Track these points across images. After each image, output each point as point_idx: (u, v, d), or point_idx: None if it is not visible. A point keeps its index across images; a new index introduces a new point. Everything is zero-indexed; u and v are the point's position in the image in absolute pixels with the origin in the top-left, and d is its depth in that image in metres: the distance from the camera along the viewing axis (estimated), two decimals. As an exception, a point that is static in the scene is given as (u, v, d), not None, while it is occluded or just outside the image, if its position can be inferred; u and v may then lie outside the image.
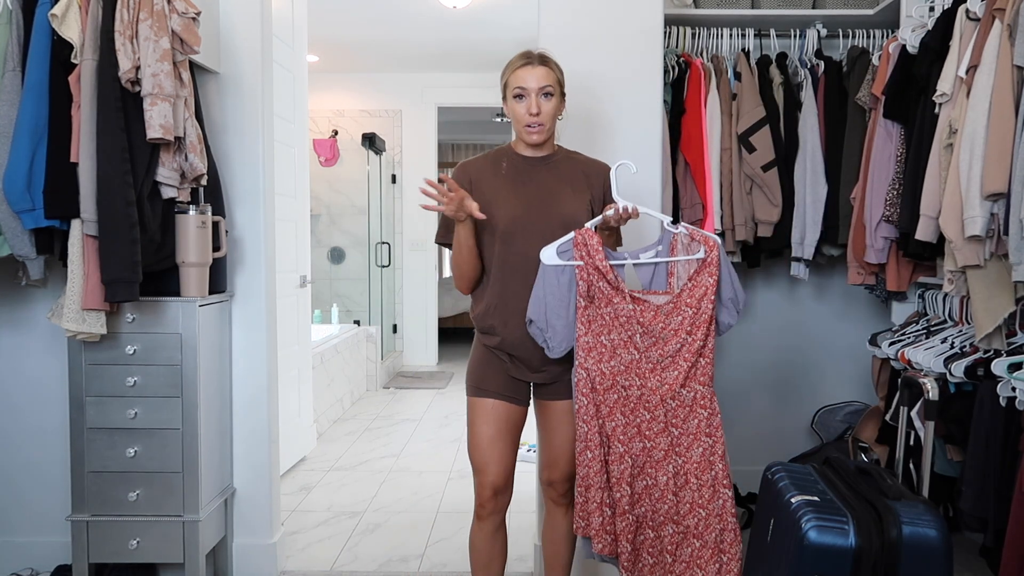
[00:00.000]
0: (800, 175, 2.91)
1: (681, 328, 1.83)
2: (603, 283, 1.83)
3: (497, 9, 4.91)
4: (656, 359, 1.84)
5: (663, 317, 1.84)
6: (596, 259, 1.82)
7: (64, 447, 2.46)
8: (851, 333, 3.27)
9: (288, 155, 3.76)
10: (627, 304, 1.83)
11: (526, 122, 1.91)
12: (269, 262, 2.66)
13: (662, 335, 1.83)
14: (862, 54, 2.86)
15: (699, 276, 1.84)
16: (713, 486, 1.83)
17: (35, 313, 2.57)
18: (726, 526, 1.83)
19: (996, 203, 1.86)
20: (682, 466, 1.84)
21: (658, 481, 1.84)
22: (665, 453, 1.84)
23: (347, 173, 6.77)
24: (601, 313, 1.85)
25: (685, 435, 1.84)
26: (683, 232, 1.89)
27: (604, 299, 1.84)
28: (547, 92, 1.90)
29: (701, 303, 1.83)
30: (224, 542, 2.62)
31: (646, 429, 1.85)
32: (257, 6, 2.58)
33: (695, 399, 1.84)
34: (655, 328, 1.83)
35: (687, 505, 1.83)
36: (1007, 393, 1.98)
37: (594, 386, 1.85)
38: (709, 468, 1.84)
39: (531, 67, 1.90)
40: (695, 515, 1.83)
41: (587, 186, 2.00)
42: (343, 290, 6.87)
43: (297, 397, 3.96)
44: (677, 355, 1.83)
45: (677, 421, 1.84)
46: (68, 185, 2.09)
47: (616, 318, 1.84)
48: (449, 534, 3.08)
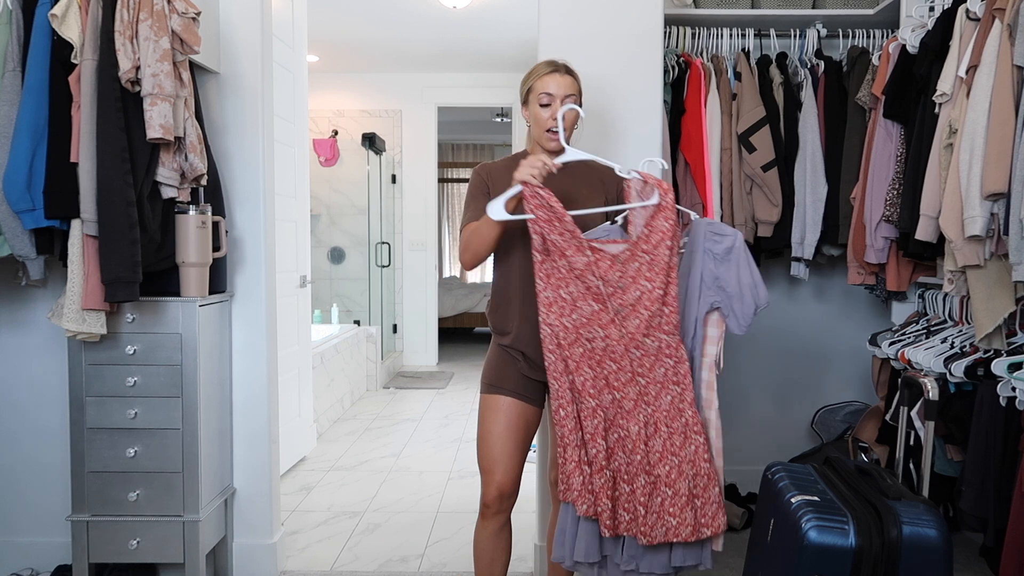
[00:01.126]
0: (800, 175, 2.91)
1: (639, 275, 1.79)
2: (555, 235, 1.80)
3: (497, 9, 4.91)
4: (616, 308, 1.80)
5: (620, 265, 1.80)
6: (545, 212, 1.79)
7: (64, 447, 2.46)
8: (851, 333, 3.27)
9: (288, 155, 3.76)
10: (582, 255, 1.80)
11: (549, 127, 1.95)
12: (269, 262, 2.66)
13: (620, 284, 1.80)
14: (862, 54, 2.87)
15: (655, 221, 1.80)
16: (684, 433, 1.80)
17: (35, 313, 2.57)
18: (699, 471, 1.79)
19: (996, 203, 1.86)
20: (652, 415, 1.81)
21: (630, 432, 1.81)
22: (635, 403, 1.81)
23: (347, 173, 6.77)
24: (558, 266, 1.81)
25: (653, 384, 1.81)
26: (636, 177, 1.86)
27: (558, 251, 1.80)
28: (571, 101, 1.95)
29: (658, 248, 1.79)
30: (224, 542, 2.62)
31: (614, 380, 1.82)
32: (257, 6, 2.58)
33: (660, 348, 1.81)
34: (613, 277, 1.80)
35: (657, 454, 1.80)
36: (1007, 393, 1.98)
37: (559, 342, 1.83)
38: (679, 415, 1.81)
39: (558, 75, 1.96)
40: (666, 463, 1.79)
41: (602, 189, 2.04)
42: (343, 290, 6.87)
43: (297, 397, 3.96)
44: (637, 303, 1.80)
45: (643, 371, 1.81)
46: (68, 185, 2.09)
47: (572, 270, 1.81)
48: (449, 534, 3.08)
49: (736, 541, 2.89)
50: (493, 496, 2.01)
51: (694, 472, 1.79)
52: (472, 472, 3.80)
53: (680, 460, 1.79)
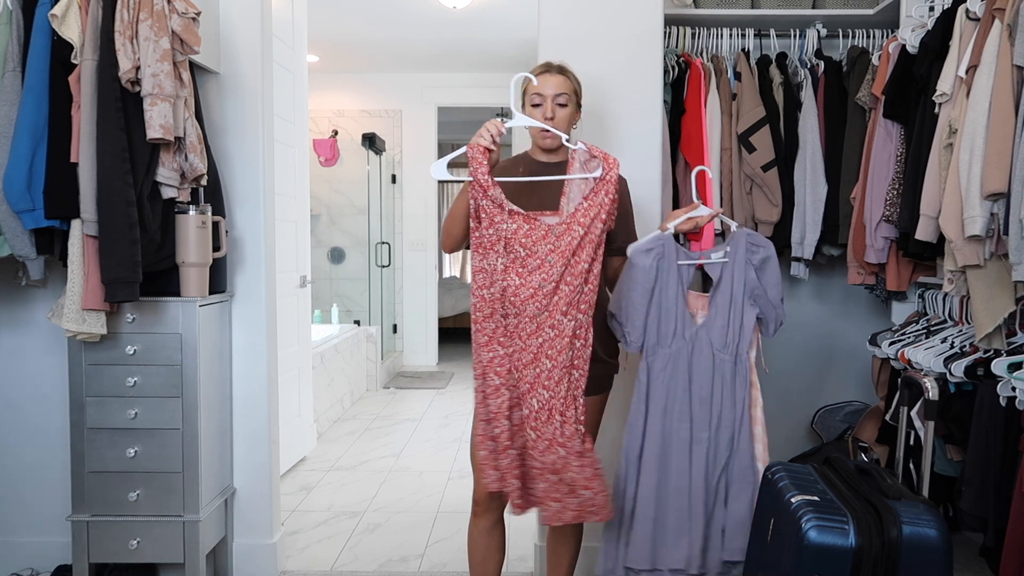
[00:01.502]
0: (800, 175, 2.91)
1: (568, 249, 1.74)
2: (486, 201, 1.76)
3: (497, 9, 4.91)
4: (538, 284, 1.74)
5: (553, 239, 1.74)
6: (479, 175, 1.76)
7: (64, 447, 2.46)
8: (851, 333, 3.27)
9: (288, 155, 3.76)
10: (510, 223, 1.74)
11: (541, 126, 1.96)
12: (269, 262, 2.66)
13: (548, 258, 1.74)
14: (862, 54, 2.86)
15: (595, 196, 1.76)
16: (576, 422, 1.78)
17: (35, 313, 2.57)
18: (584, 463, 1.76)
19: (996, 203, 1.86)
20: (548, 400, 1.76)
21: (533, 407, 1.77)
22: (531, 386, 1.77)
23: (347, 173, 6.77)
24: (487, 235, 1.77)
25: (556, 368, 1.76)
26: (582, 148, 1.83)
27: (488, 219, 1.76)
28: (561, 102, 1.96)
29: (592, 223, 1.74)
30: (224, 542, 2.62)
31: (517, 360, 1.77)
32: (257, 6, 2.58)
33: (575, 329, 1.76)
34: (542, 250, 1.74)
35: (545, 443, 1.76)
36: (1007, 393, 1.98)
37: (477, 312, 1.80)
38: (574, 401, 1.78)
39: (549, 75, 1.97)
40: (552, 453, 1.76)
41: None
42: (343, 290, 6.87)
43: (297, 397, 3.96)
44: (561, 280, 1.74)
45: (552, 352, 1.75)
46: (68, 185, 2.09)
47: (499, 239, 1.75)
48: (449, 534, 3.08)
49: (736, 541, 2.89)
50: (484, 494, 2.01)
51: (580, 463, 1.77)
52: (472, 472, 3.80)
53: (568, 451, 1.76)
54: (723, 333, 1.97)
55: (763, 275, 1.98)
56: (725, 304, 1.97)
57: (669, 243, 1.96)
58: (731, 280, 1.97)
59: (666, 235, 1.97)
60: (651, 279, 1.93)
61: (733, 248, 1.98)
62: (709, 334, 1.97)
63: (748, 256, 1.96)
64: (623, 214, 2.06)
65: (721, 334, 1.97)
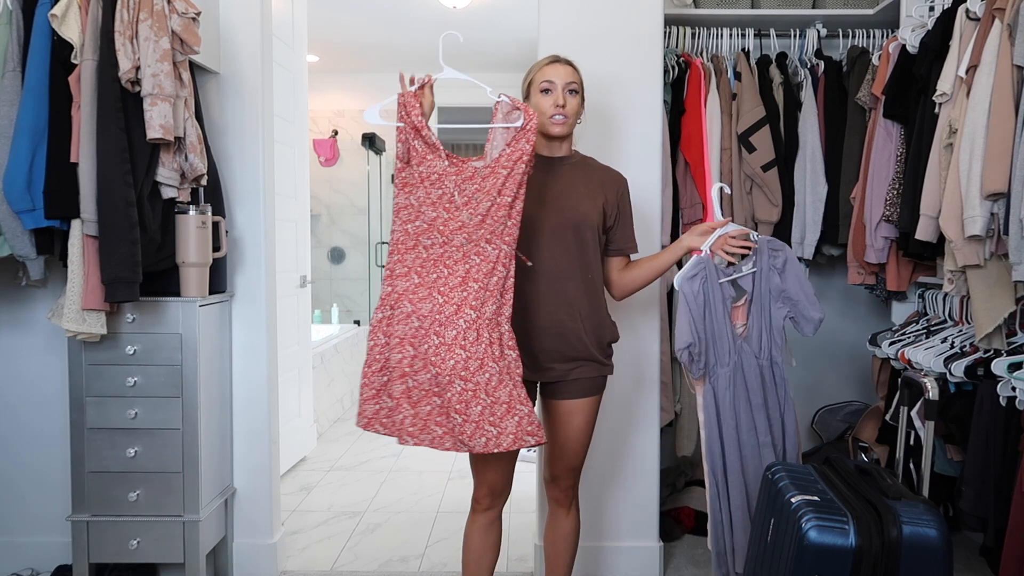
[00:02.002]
0: (800, 175, 2.91)
1: (494, 188, 1.83)
2: (418, 141, 1.86)
3: (497, 9, 4.92)
4: (466, 219, 1.83)
5: (479, 180, 1.85)
6: (413, 117, 1.85)
7: (64, 447, 2.46)
8: (851, 333, 3.27)
9: (288, 155, 3.76)
10: (441, 161, 1.85)
11: (551, 113, 1.98)
12: (269, 262, 2.66)
13: (475, 196, 1.84)
14: (862, 54, 2.86)
15: (517, 143, 1.86)
16: (500, 344, 1.81)
17: (35, 313, 2.57)
18: (515, 383, 1.79)
19: (996, 203, 1.86)
20: (474, 320, 1.80)
21: (445, 338, 1.79)
22: (457, 308, 1.81)
23: (347, 173, 6.77)
24: (415, 173, 1.87)
25: (483, 290, 1.82)
26: (505, 100, 1.92)
27: (418, 157, 1.86)
28: (572, 88, 1.99)
29: (514, 166, 1.84)
30: (224, 542, 2.62)
31: (442, 285, 1.83)
32: (257, 6, 2.58)
33: (498, 256, 1.83)
34: (469, 189, 1.84)
35: (477, 361, 1.78)
36: (1007, 393, 1.98)
37: (395, 246, 1.87)
38: (498, 326, 1.82)
39: (559, 64, 2.01)
40: (486, 370, 1.77)
41: (601, 191, 2.03)
42: (343, 290, 6.87)
43: (297, 397, 3.96)
44: (487, 214, 1.83)
45: (479, 276, 1.82)
46: (68, 185, 2.09)
47: (428, 176, 1.85)
48: (449, 534, 3.08)
49: (736, 541, 2.89)
50: (483, 492, 2.01)
51: (512, 383, 1.78)
52: (472, 472, 3.80)
53: (499, 368, 1.78)
54: (759, 340, 2.07)
55: (785, 276, 2.06)
56: (758, 312, 2.06)
57: (709, 264, 2.04)
58: (760, 288, 2.06)
59: (704, 258, 2.03)
60: (701, 304, 2.03)
61: (759, 257, 2.06)
62: (751, 345, 2.07)
63: (771, 262, 2.05)
64: (623, 214, 2.06)
65: (757, 342, 2.07)
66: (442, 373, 1.77)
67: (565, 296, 1.96)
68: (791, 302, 2.05)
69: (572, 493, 2.11)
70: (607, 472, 2.64)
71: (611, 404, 2.22)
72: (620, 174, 2.09)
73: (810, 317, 2.06)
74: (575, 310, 1.96)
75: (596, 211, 1.99)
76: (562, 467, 2.06)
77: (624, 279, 2.09)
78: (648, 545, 2.67)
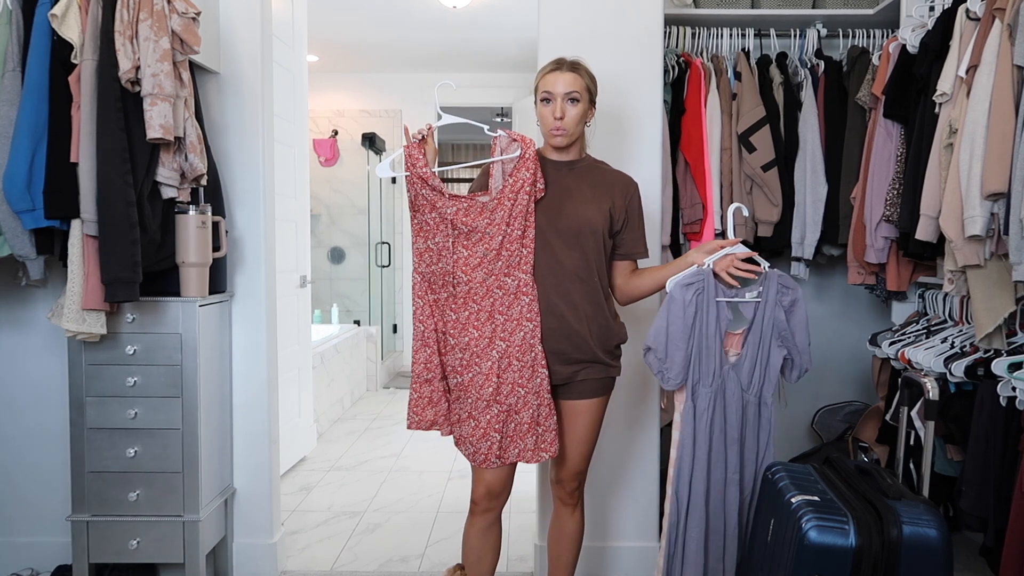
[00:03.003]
0: (800, 175, 2.91)
1: (502, 221, 1.93)
2: (426, 190, 1.96)
3: (497, 9, 4.91)
4: (483, 253, 1.94)
5: (488, 214, 1.94)
6: (418, 168, 1.95)
7: (64, 447, 2.46)
8: (851, 333, 3.27)
9: (288, 155, 3.76)
10: (451, 206, 1.94)
11: (551, 126, 1.97)
12: (269, 262, 2.66)
13: (487, 231, 1.94)
14: (862, 54, 2.86)
15: (517, 172, 1.94)
16: (532, 366, 1.94)
17: (35, 313, 2.57)
18: (542, 402, 1.95)
19: (996, 203, 1.86)
20: (505, 350, 1.94)
21: (482, 368, 1.95)
22: (489, 341, 1.94)
23: (347, 173, 6.77)
24: (427, 219, 1.97)
25: (509, 321, 1.94)
26: (502, 135, 1.98)
27: (428, 205, 1.96)
28: (573, 98, 1.96)
29: (518, 196, 1.93)
30: (224, 542, 2.62)
31: (474, 320, 1.96)
32: (257, 6, 2.58)
33: (518, 287, 1.94)
34: (480, 224, 1.94)
35: (509, 385, 1.94)
36: (1007, 393, 1.98)
37: (431, 286, 2.00)
38: (530, 350, 1.94)
39: (559, 72, 1.96)
40: (515, 395, 1.93)
41: (608, 195, 2.02)
42: (343, 290, 6.87)
43: (297, 397, 3.96)
44: (501, 247, 1.94)
45: (503, 308, 1.95)
46: (68, 185, 2.09)
47: (442, 221, 1.95)
48: (449, 534, 3.08)
49: (736, 541, 2.89)
50: (481, 494, 2.02)
51: (538, 403, 1.94)
52: (472, 472, 3.80)
53: (527, 391, 1.93)
54: (750, 374, 1.99)
55: (792, 318, 2.00)
56: (755, 344, 1.99)
57: (709, 279, 1.97)
58: (762, 320, 1.99)
59: (705, 270, 1.97)
60: (691, 315, 1.96)
61: (766, 288, 1.99)
62: (738, 374, 2.00)
63: (779, 297, 1.98)
64: (631, 219, 2.05)
65: (748, 374, 2.00)
66: (480, 398, 1.94)
67: (570, 299, 1.96)
68: (789, 343, 2.00)
69: (578, 494, 2.11)
70: (609, 472, 2.64)
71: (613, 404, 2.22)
72: (630, 178, 2.08)
73: (800, 365, 2.02)
74: (580, 313, 1.97)
75: (602, 216, 1.99)
76: (568, 467, 2.06)
77: (629, 285, 2.09)
78: (649, 545, 2.67)
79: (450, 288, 1.97)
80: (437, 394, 2.01)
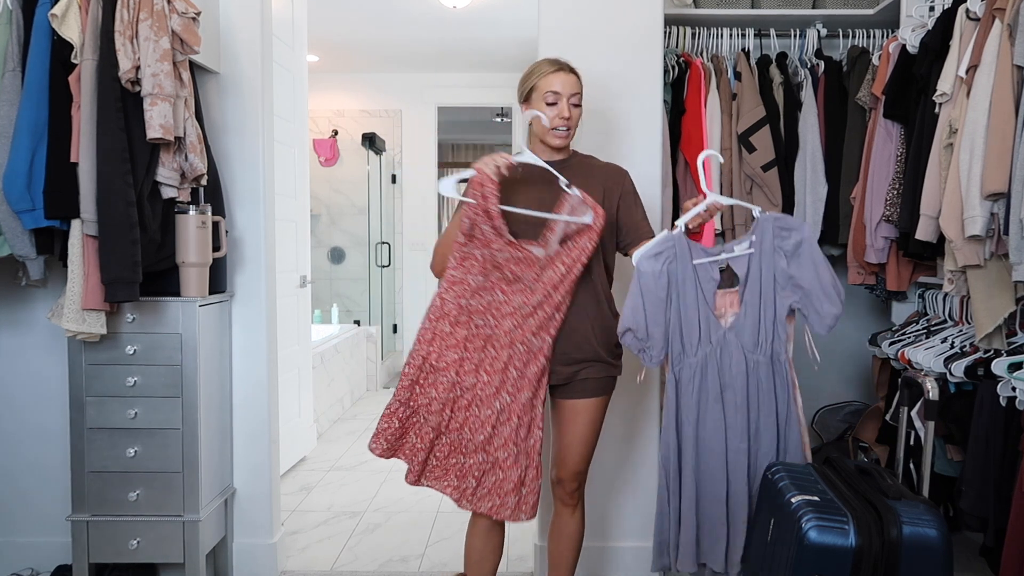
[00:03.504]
0: (800, 175, 2.91)
1: (550, 283, 1.89)
2: (487, 226, 1.88)
3: (497, 9, 4.91)
4: (518, 305, 1.91)
5: (539, 269, 1.90)
6: (489, 203, 1.86)
7: (64, 447, 2.46)
8: (851, 333, 3.27)
9: (288, 155, 3.76)
10: (507, 250, 1.89)
11: (555, 125, 1.97)
12: (269, 262, 2.66)
13: (532, 285, 1.90)
14: (862, 54, 2.86)
15: (580, 239, 1.90)
16: (530, 427, 1.93)
17: (35, 313, 2.57)
18: (531, 463, 1.93)
19: (996, 203, 1.86)
20: (509, 404, 1.92)
21: (480, 414, 1.93)
22: (496, 391, 1.92)
23: (347, 173, 6.76)
24: (476, 253, 1.91)
25: (521, 379, 1.92)
26: (576, 195, 1.92)
27: (483, 242, 1.90)
28: (576, 100, 1.98)
29: (575, 265, 1.90)
30: (224, 542, 2.62)
31: (488, 366, 1.93)
32: (257, 6, 2.58)
33: (540, 348, 1.92)
34: (527, 276, 1.90)
35: (501, 439, 1.92)
36: (1007, 393, 1.98)
37: (443, 314, 1.94)
38: (531, 410, 1.93)
39: (564, 73, 1.98)
40: (507, 450, 1.91)
41: (600, 188, 2.03)
42: (343, 290, 6.87)
43: (297, 397, 3.96)
44: (539, 306, 1.90)
45: (519, 364, 1.92)
46: (68, 185, 2.09)
47: (491, 260, 1.90)
48: (449, 534, 3.08)
49: (736, 541, 2.89)
50: None
51: (527, 463, 1.93)
52: (472, 472, 3.80)
53: (519, 450, 1.92)
54: (754, 333, 1.81)
55: (798, 262, 1.77)
56: (755, 300, 1.80)
57: (680, 243, 1.82)
58: (759, 273, 1.79)
59: (675, 234, 1.84)
60: (663, 286, 1.81)
61: (759, 236, 1.79)
62: (739, 337, 1.82)
63: (777, 243, 1.78)
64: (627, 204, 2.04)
65: (752, 334, 1.81)
66: (471, 441, 1.92)
67: (572, 298, 1.96)
68: (801, 291, 1.76)
69: (578, 494, 2.11)
70: (609, 472, 2.64)
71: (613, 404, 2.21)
72: (620, 167, 2.10)
73: (822, 312, 1.77)
74: (582, 312, 1.97)
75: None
76: (569, 467, 2.06)
77: None
78: (650, 545, 2.66)
79: (472, 327, 1.93)
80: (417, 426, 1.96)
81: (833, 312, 1.78)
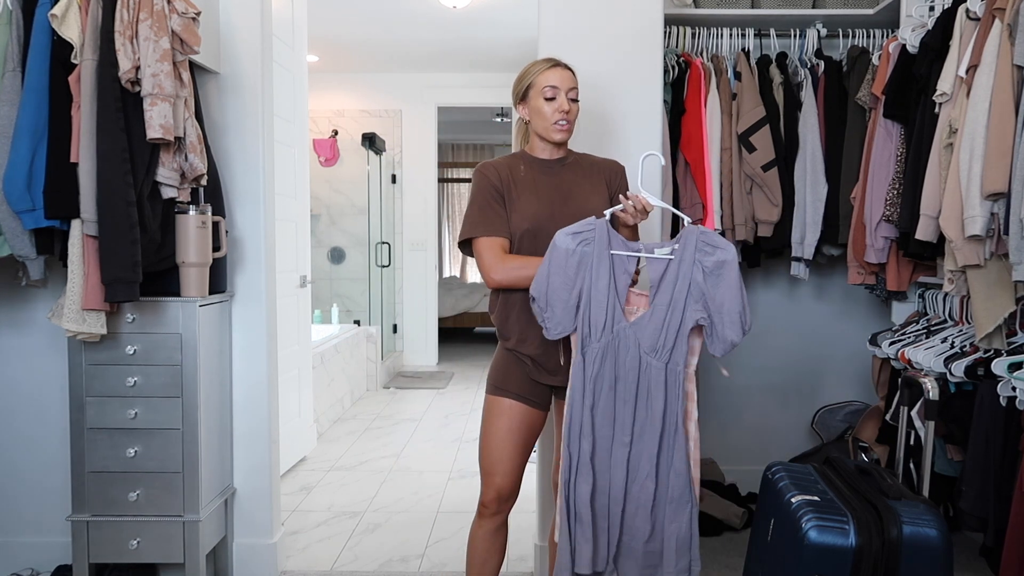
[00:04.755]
0: (800, 175, 2.91)
1: None
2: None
3: (497, 9, 4.92)
4: None
5: None
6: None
7: (64, 447, 2.46)
8: (851, 333, 3.27)
9: (288, 155, 3.76)
10: None
11: (556, 119, 1.96)
12: (269, 262, 2.66)
13: None
14: (862, 54, 2.87)
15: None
16: None
17: (35, 313, 2.57)
18: None
19: (996, 203, 1.86)
20: None
21: None
22: None
23: (347, 173, 6.77)
24: None
25: None
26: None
27: None
28: (573, 95, 1.98)
29: None
30: (224, 542, 2.62)
31: None
32: (257, 6, 2.58)
33: None
34: None
35: None
36: (1007, 393, 1.98)
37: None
38: None
39: (560, 69, 1.98)
40: None
41: (603, 182, 2.04)
42: (343, 290, 6.87)
43: (297, 397, 3.96)
44: None
45: None
46: (68, 185, 2.09)
47: None
48: (449, 534, 3.08)
49: (736, 541, 2.89)
50: (491, 497, 2.01)
51: None
52: (472, 472, 3.80)
53: None
54: (654, 336, 1.79)
55: (716, 281, 1.76)
56: (663, 306, 1.78)
57: (601, 229, 1.81)
58: (675, 280, 1.78)
59: (599, 221, 1.82)
60: (573, 264, 1.80)
61: (682, 245, 1.78)
62: (637, 334, 1.79)
63: (699, 256, 1.77)
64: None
65: (652, 337, 1.79)
66: None
67: None
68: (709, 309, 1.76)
69: None
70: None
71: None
72: (616, 162, 2.10)
73: (723, 335, 1.76)
74: None
75: (604, 204, 1.99)
76: None
77: None
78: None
79: None
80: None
81: (732, 339, 1.77)
